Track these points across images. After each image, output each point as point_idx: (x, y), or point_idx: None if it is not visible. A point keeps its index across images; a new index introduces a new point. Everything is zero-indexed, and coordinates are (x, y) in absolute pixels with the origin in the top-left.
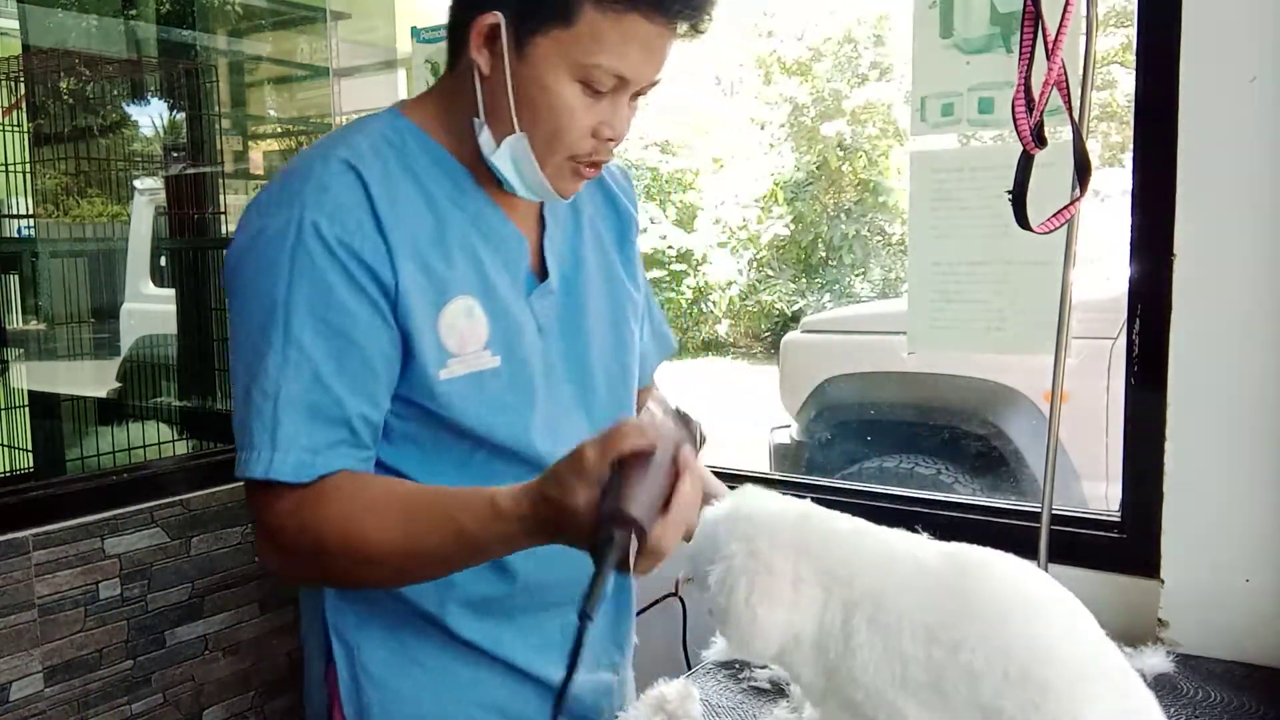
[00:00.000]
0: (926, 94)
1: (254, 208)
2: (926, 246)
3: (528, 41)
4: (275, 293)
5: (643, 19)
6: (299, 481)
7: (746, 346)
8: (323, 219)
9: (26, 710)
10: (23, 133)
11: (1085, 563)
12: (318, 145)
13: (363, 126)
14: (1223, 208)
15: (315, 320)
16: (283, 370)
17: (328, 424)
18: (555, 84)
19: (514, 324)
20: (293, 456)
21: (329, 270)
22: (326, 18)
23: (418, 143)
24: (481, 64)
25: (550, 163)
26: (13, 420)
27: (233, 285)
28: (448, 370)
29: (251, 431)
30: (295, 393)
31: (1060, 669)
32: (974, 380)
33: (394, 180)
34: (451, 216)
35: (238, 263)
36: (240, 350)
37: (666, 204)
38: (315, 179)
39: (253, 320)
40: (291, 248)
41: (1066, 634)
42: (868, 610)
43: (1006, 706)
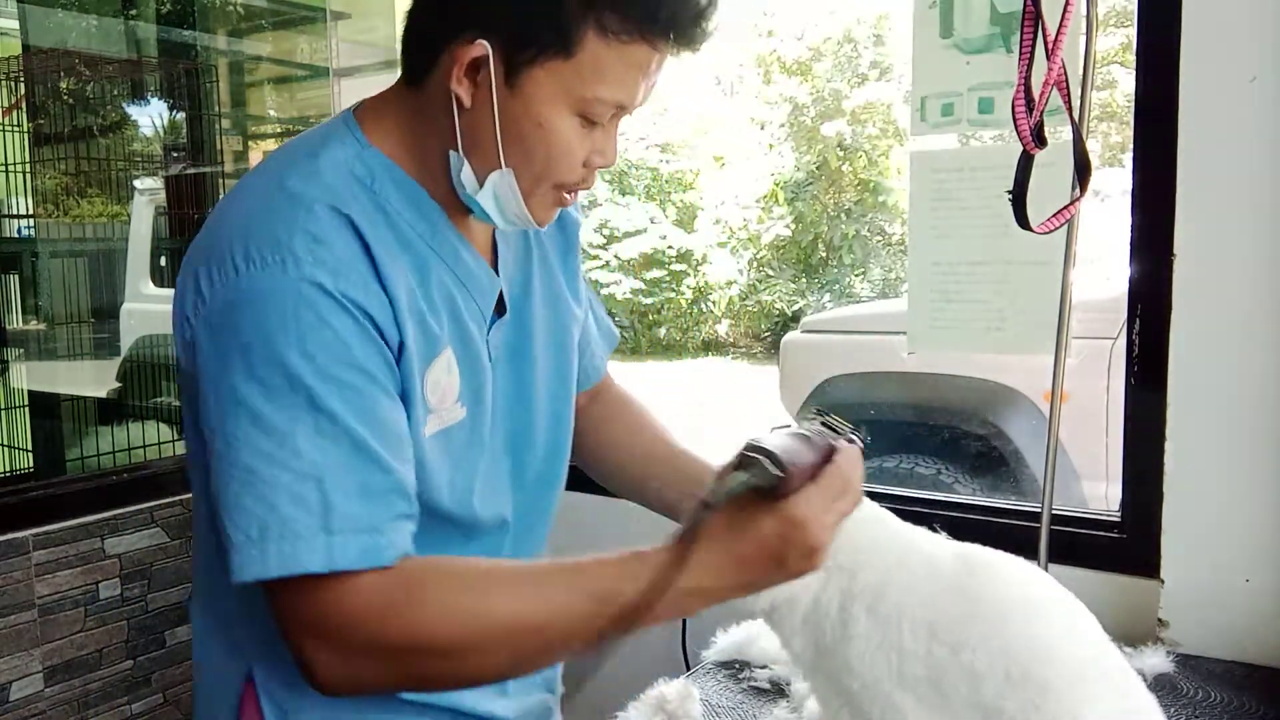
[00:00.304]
0: (926, 94)
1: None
2: (926, 246)
3: (521, 74)
4: (286, 361)
5: (647, 46)
6: (372, 566)
7: (746, 346)
8: (324, 275)
9: (26, 710)
10: (23, 133)
11: (1085, 563)
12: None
13: (326, 156)
14: (1223, 208)
15: (339, 385)
16: (318, 445)
17: (382, 496)
18: (552, 118)
19: (480, 367)
20: (355, 540)
21: (342, 328)
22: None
23: (389, 177)
24: (463, 96)
25: (535, 195)
26: (13, 420)
27: (211, 353)
28: (428, 428)
29: (293, 521)
30: (339, 468)
31: (1060, 669)
32: (974, 380)
33: (378, 226)
34: (430, 262)
35: (220, 333)
36: (244, 431)
37: (666, 204)
38: (303, 230)
39: (259, 396)
40: (295, 309)
41: (1067, 635)
42: (867, 600)
43: (1007, 707)
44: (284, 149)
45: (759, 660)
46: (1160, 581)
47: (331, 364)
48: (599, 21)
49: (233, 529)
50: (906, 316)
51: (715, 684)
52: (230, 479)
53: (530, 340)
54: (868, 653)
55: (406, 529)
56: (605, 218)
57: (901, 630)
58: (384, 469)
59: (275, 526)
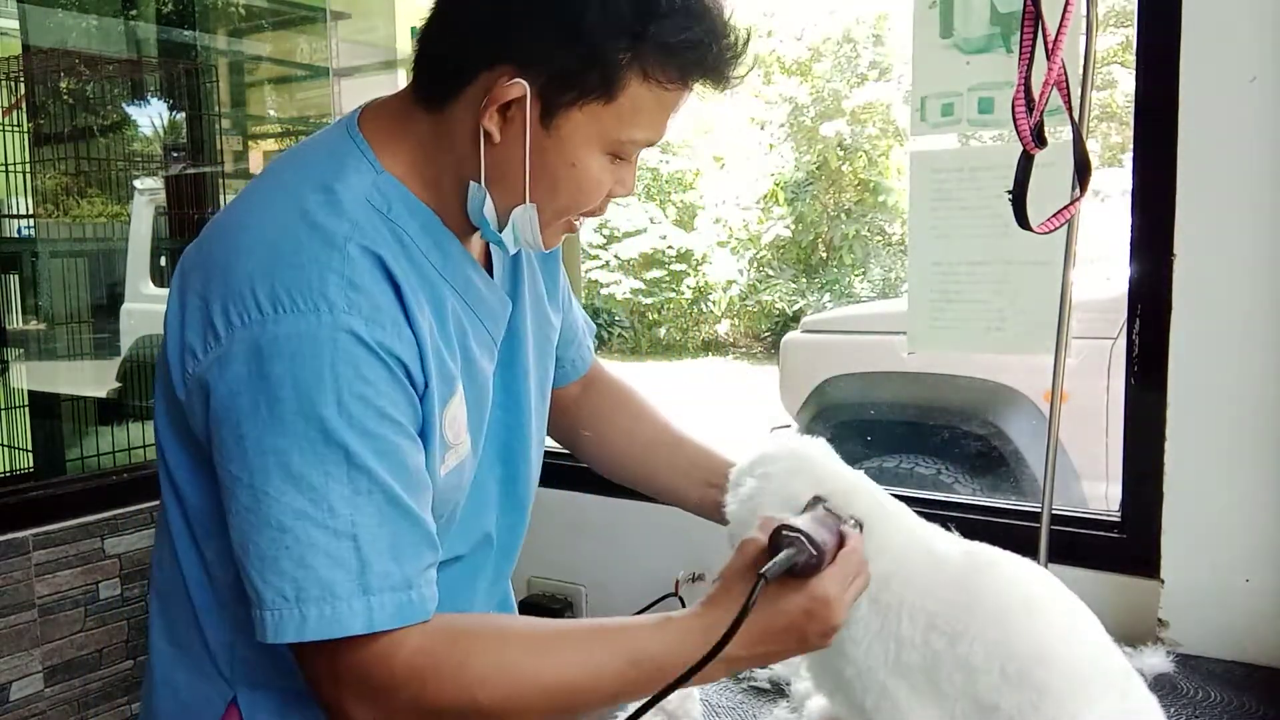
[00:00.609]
0: (926, 94)
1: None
2: (926, 246)
3: (558, 114)
4: (322, 415)
5: (686, 89)
6: (408, 624)
7: (746, 346)
8: (360, 325)
9: (26, 710)
10: (23, 133)
11: (1085, 563)
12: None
13: (344, 185)
14: (1223, 208)
15: (373, 439)
16: (353, 503)
17: (413, 550)
18: (585, 158)
19: (484, 395)
20: (393, 598)
21: (377, 379)
22: (326, 18)
23: (405, 206)
24: (493, 131)
25: (552, 225)
26: (13, 420)
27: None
28: (445, 465)
29: (330, 582)
30: (374, 525)
31: (1060, 671)
32: (974, 380)
33: (402, 263)
34: (445, 296)
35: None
36: (275, 487)
37: (666, 204)
38: (337, 273)
39: (292, 450)
40: (331, 360)
41: (1068, 637)
42: (871, 589)
43: (1003, 704)
44: (292, 167)
45: None
46: (1160, 581)
47: (367, 418)
48: (644, 68)
49: (264, 588)
50: (906, 316)
51: (715, 684)
52: (259, 535)
53: (521, 350)
54: (864, 639)
55: (433, 577)
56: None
57: (900, 619)
58: (414, 522)
59: (313, 588)
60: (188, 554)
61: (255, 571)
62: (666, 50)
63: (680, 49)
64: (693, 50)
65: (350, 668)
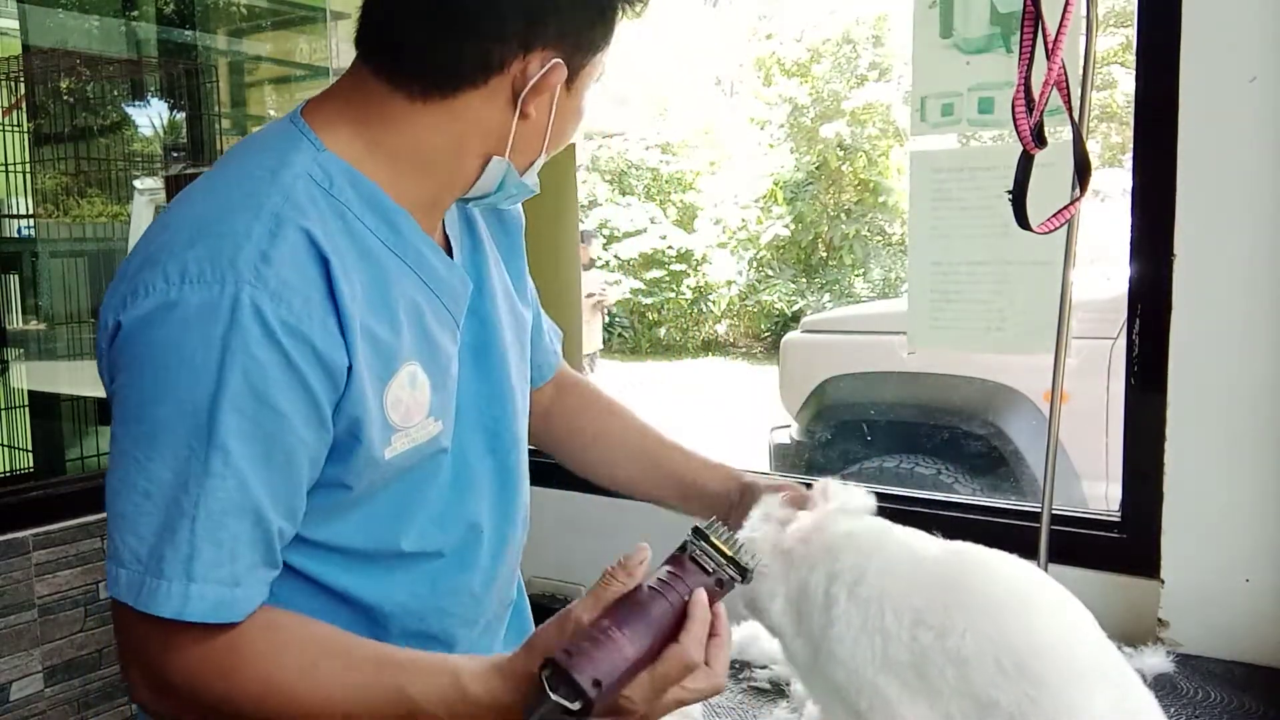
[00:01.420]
0: (926, 94)
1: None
2: (926, 246)
3: (579, 75)
4: (199, 386)
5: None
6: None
7: (746, 346)
8: (265, 299)
9: (26, 710)
10: (23, 133)
11: (1085, 563)
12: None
13: (284, 161)
14: (1223, 208)
15: (245, 420)
16: (203, 483)
17: (249, 546)
18: (587, 98)
19: (449, 375)
20: (211, 591)
21: (269, 363)
22: (326, 18)
23: (347, 180)
24: (531, 112)
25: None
26: (13, 420)
27: (130, 363)
28: (392, 448)
29: (160, 554)
30: (218, 511)
31: (1056, 664)
32: (974, 380)
33: (335, 237)
34: (392, 270)
35: (138, 336)
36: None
37: (666, 204)
38: (254, 246)
39: (163, 415)
40: (224, 334)
41: (1064, 631)
42: (848, 581)
43: (1001, 699)
44: (236, 154)
45: (759, 660)
46: (1160, 581)
47: (248, 399)
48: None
49: (110, 541)
50: (906, 316)
51: None
52: (117, 494)
53: (496, 337)
54: (848, 636)
55: (266, 578)
56: (605, 217)
57: (884, 612)
58: (260, 517)
59: (142, 554)
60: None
61: (110, 524)
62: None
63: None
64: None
65: (144, 643)
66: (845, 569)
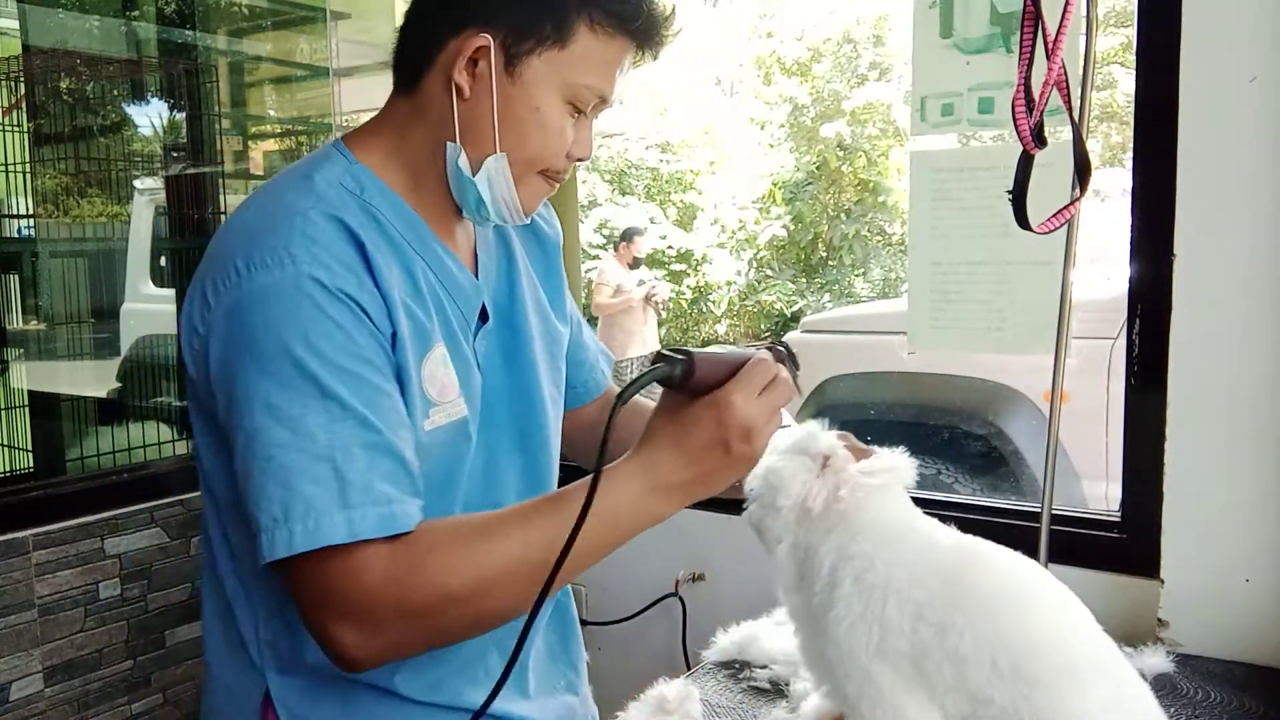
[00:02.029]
0: (926, 94)
1: (219, 275)
2: (926, 246)
3: (520, 62)
4: (292, 351)
5: (626, 42)
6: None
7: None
8: (321, 272)
9: (26, 710)
10: (23, 133)
11: (1085, 563)
12: (280, 196)
13: (318, 173)
14: (1223, 208)
15: (343, 372)
16: (329, 429)
17: (390, 472)
18: (546, 103)
19: (469, 369)
20: (373, 511)
21: (342, 319)
22: (326, 18)
23: (377, 190)
24: (463, 85)
25: (525, 181)
26: (13, 420)
27: (229, 353)
28: (431, 420)
29: (312, 499)
30: (350, 448)
31: (1051, 663)
32: (974, 380)
33: (369, 229)
34: (417, 264)
35: (232, 336)
36: (260, 422)
37: (666, 204)
38: (300, 232)
39: (271, 388)
40: (296, 303)
41: (1059, 627)
42: (857, 566)
43: (996, 696)
44: (276, 177)
45: (759, 660)
46: (1160, 581)
47: (335, 353)
48: (590, 16)
49: (260, 514)
50: (906, 316)
51: (715, 684)
52: (252, 469)
53: (526, 344)
54: (847, 620)
55: (416, 503)
56: (605, 218)
57: (886, 603)
58: (389, 448)
59: (298, 506)
60: (220, 546)
61: (251, 502)
62: (606, 2)
63: (617, 2)
64: (627, 5)
65: (334, 586)
66: (858, 554)
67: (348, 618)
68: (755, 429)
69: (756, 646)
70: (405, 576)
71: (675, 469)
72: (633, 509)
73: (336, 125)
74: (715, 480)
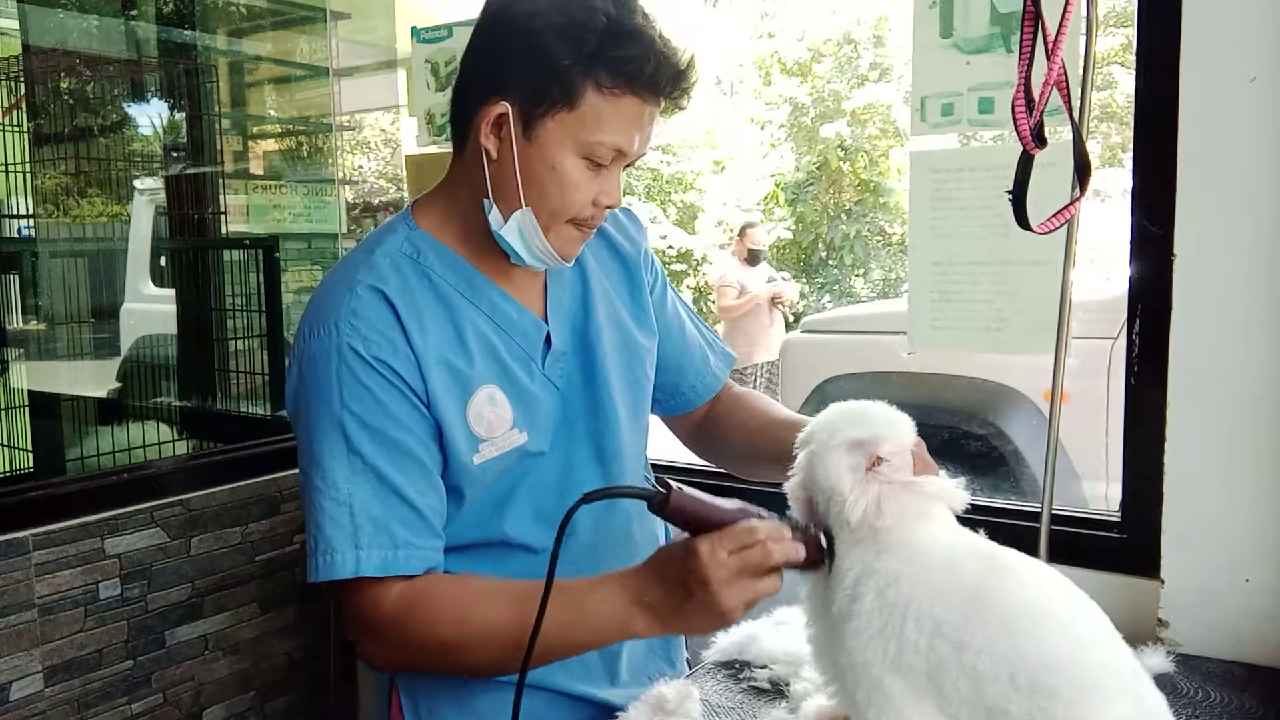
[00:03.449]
0: (926, 94)
1: (298, 339)
2: (926, 246)
3: (535, 126)
4: (331, 411)
5: (637, 99)
6: (391, 575)
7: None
8: (358, 341)
9: (26, 710)
10: (23, 133)
11: (1085, 563)
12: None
13: (380, 243)
14: (1223, 208)
15: (368, 430)
16: (351, 480)
17: (401, 520)
18: (562, 162)
19: (531, 397)
20: (377, 553)
21: (373, 385)
22: (326, 18)
23: (431, 250)
24: (490, 148)
25: (554, 230)
26: (13, 420)
27: (296, 412)
28: (480, 455)
29: (331, 538)
30: (367, 497)
31: (1069, 677)
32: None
33: (413, 292)
34: (467, 315)
35: (296, 391)
36: (312, 466)
37: (667, 204)
38: (346, 307)
39: (317, 439)
40: (336, 370)
41: (1078, 642)
42: (881, 582)
43: (1011, 709)
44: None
45: (759, 660)
46: (1160, 581)
47: (364, 413)
48: (596, 80)
49: (307, 541)
50: (906, 316)
51: (715, 684)
52: (302, 502)
53: (600, 362)
54: (865, 633)
55: (426, 547)
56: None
57: (905, 620)
58: (403, 499)
59: (322, 543)
60: None
61: (306, 530)
62: (610, 64)
63: (621, 63)
64: (631, 64)
65: (356, 609)
66: (882, 570)
67: (367, 634)
68: (711, 581)
69: (756, 646)
70: (405, 615)
71: (654, 593)
72: (613, 618)
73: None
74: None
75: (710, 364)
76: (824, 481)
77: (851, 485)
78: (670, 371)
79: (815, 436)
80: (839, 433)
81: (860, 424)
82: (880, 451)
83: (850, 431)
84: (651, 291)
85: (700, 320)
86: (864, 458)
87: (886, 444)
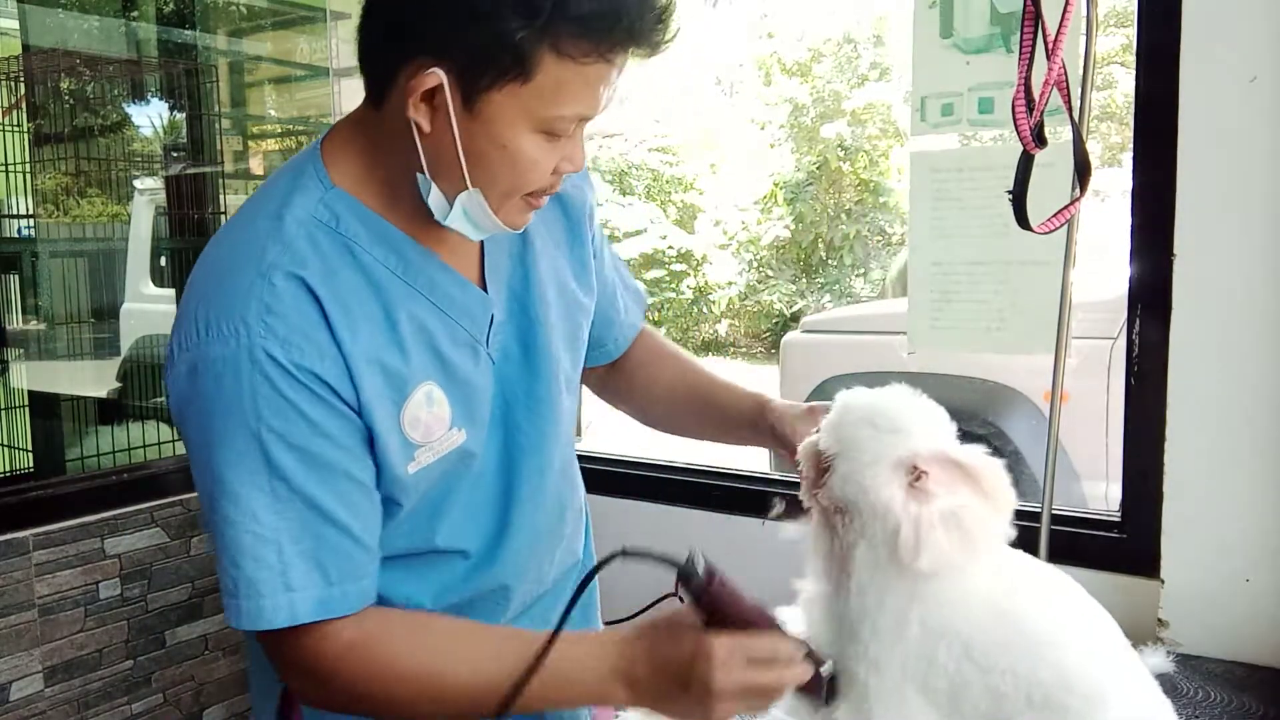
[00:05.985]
0: (926, 94)
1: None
2: (926, 246)
3: (479, 99)
4: (246, 429)
5: (605, 63)
6: (329, 618)
7: (746, 346)
8: (275, 346)
9: (26, 710)
10: (23, 133)
11: (1085, 563)
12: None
13: (289, 206)
14: (1223, 208)
15: (296, 451)
16: (276, 510)
17: (336, 553)
18: (514, 139)
19: (472, 389)
20: (312, 593)
21: (297, 399)
22: (326, 18)
23: (354, 216)
24: (421, 122)
25: (505, 207)
26: (13, 420)
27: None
28: (415, 463)
29: (255, 580)
30: (296, 529)
31: (1081, 692)
32: (974, 380)
33: (337, 275)
34: (399, 297)
35: (185, 397)
36: (220, 494)
37: (667, 204)
38: (257, 299)
39: (227, 461)
40: (249, 380)
41: (1092, 657)
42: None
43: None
44: (260, 194)
45: None
46: (1160, 581)
47: (288, 431)
48: (555, 45)
49: (220, 578)
50: (906, 316)
51: None
52: (212, 533)
53: (542, 332)
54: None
55: (363, 578)
56: (606, 218)
57: (938, 647)
58: (338, 526)
59: (244, 586)
60: None
61: (217, 562)
62: (575, 24)
63: (589, 21)
64: (602, 21)
65: (290, 656)
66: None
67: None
68: (714, 690)
69: None
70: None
71: (641, 669)
72: (590, 685)
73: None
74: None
75: (629, 314)
76: (860, 500)
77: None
78: (599, 325)
79: (846, 447)
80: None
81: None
82: (919, 463)
83: (887, 445)
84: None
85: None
86: (904, 472)
87: (925, 451)
